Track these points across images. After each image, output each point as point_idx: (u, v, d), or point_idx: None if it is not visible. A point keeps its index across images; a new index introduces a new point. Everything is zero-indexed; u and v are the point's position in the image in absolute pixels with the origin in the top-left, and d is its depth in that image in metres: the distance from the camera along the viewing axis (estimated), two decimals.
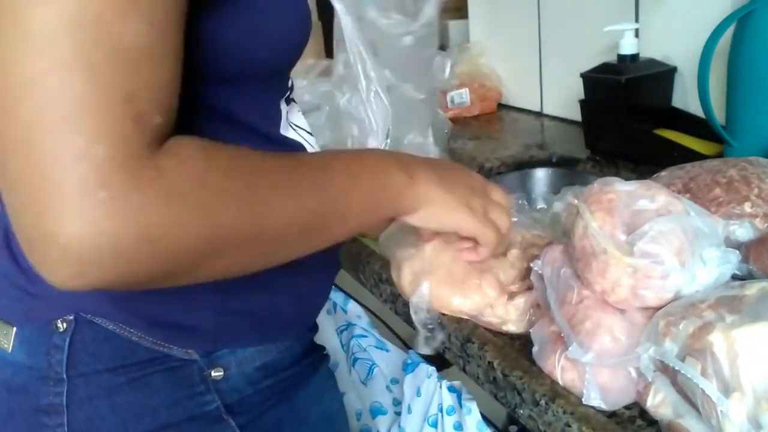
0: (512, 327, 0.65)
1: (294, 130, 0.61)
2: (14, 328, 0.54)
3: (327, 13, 2.25)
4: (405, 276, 0.71)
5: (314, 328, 0.68)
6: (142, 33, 0.37)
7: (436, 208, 0.58)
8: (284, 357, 0.60)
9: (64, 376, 0.52)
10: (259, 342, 0.58)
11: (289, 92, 0.61)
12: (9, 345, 0.54)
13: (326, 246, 0.51)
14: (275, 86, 0.57)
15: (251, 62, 0.50)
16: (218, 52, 0.47)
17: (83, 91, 0.36)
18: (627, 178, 0.60)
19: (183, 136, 0.41)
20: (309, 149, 0.62)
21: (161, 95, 0.39)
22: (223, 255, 0.43)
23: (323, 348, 0.71)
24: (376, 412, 0.94)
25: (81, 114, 0.36)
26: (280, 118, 0.59)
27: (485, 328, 0.67)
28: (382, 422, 0.93)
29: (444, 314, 0.70)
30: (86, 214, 0.36)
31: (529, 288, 0.65)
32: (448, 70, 1.49)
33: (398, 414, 0.88)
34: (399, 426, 0.83)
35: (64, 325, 0.52)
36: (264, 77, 0.54)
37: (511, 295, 0.66)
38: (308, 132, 0.64)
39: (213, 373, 0.55)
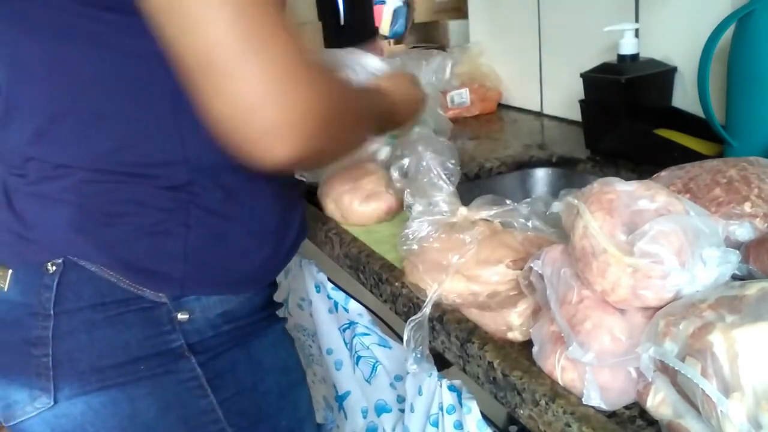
0: (518, 335, 0.65)
1: None
2: (10, 270, 0.62)
3: (327, 13, 2.25)
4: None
5: (273, 284, 0.77)
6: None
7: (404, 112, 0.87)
8: (243, 306, 0.69)
9: (51, 312, 0.60)
10: (221, 292, 0.66)
11: None
12: (5, 285, 0.62)
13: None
14: None
15: None
16: None
17: (266, 22, 0.50)
18: (627, 178, 0.60)
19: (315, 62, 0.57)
20: None
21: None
22: (349, 137, 0.64)
23: (280, 306, 0.81)
24: (380, 409, 0.94)
25: (270, 36, 0.50)
26: None
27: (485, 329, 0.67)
28: (387, 420, 0.93)
29: (444, 315, 0.70)
30: (299, 96, 0.51)
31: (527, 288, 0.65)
32: (448, 70, 1.49)
33: (402, 411, 0.88)
34: (403, 424, 0.83)
35: (54, 267, 0.61)
36: None
37: (513, 301, 0.66)
38: None
39: (179, 316, 0.64)
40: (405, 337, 0.71)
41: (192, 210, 0.62)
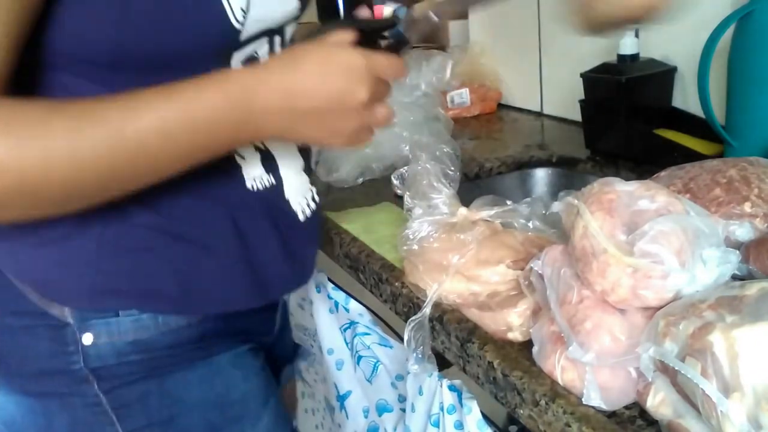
0: (518, 335, 0.65)
1: None
2: None
3: (327, 13, 2.25)
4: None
5: (229, 319, 0.67)
6: None
7: (284, 135, 0.56)
8: (164, 338, 0.63)
9: None
10: (133, 307, 0.60)
11: None
12: None
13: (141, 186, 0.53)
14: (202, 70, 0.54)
15: (146, 53, 0.52)
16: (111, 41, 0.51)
17: None
18: (627, 178, 0.60)
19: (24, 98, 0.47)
20: None
21: None
22: (72, 190, 0.49)
23: (242, 335, 0.70)
24: (382, 409, 0.94)
25: None
26: None
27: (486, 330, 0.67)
28: (389, 419, 0.93)
29: (444, 315, 0.70)
30: None
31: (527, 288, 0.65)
32: (448, 70, 1.49)
33: (404, 411, 0.88)
34: (404, 424, 0.83)
35: None
36: (175, 65, 0.53)
37: (513, 301, 0.66)
38: None
39: (84, 338, 0.60)
40: (405, 338, 0.71)
41: (108, 220, 0.58)
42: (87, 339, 0.60)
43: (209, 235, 0.62)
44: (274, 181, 0.66)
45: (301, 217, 0.69)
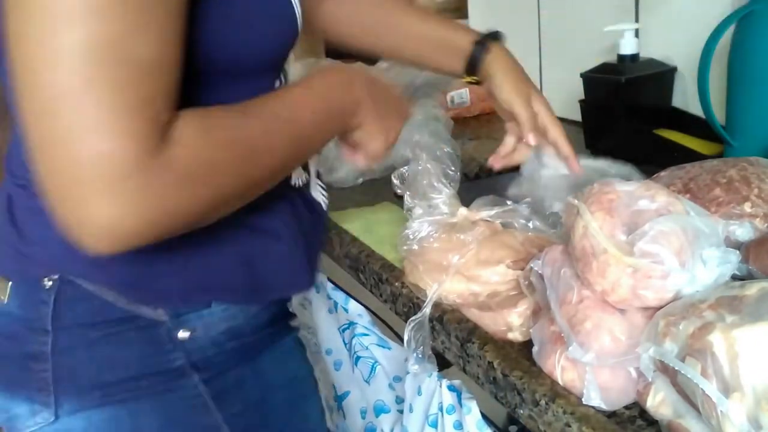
0: (518, 335, 0.65)
1: None
2: (10, 282, 0.61)
3: None
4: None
5: (282, 300, 0.74)
6: (154, 47, 0.45)
7: (366, 134, 0.68)
8: (249, 323, 0.67)
9: (49, 327, 0.60)
10: (223, 300, 0.64)
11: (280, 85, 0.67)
12: (5, 297, 0.62)
13: (305, 154, 0.64)
14: (265, 81, 0.64)
15: (235, 60, 0.57)
16: (209, 50, 0.54)
17: (110, 101, 0.43)
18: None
19: (184, 118, 0.48)
20: None
21: (170, 96, 0.47)
22: (226, 206, 0.54)
23: (292, 317, 0.77)
24: (379, 410, 0.94)
25: (110, 121, 0.43)
26: None
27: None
28: (386, 420, 0.93)
29: (444, 315, 0.70)
30: (118, 201, 0.44)
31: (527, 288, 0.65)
32: None
33: (401, 412, 0.88)
34: (402, 425, 0.83)
35: (50, 283, 0.59)
36: (251, 73, 0.60)
37: (513, 301, 0.66)
38: None
39: (180, 334, 0.62)
40: (405, 338, 0.71)
41: None
42: (183, 334, 0.62)
43: (275, 224, 0.66)
44: (306, 179, 0.72)
45: (324, 207, 0.76)
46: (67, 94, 0.43)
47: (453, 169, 0.82)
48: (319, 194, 0.75)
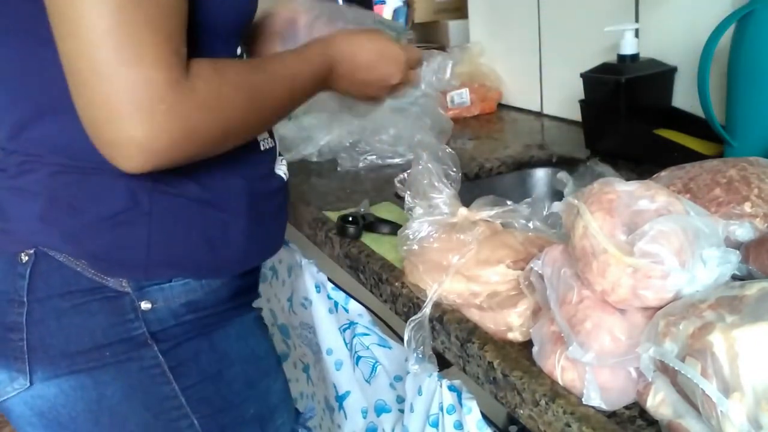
0: (518, 335, 0.65)
1: None
2: None
3: None
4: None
5: (247, 275, 0.77)
6: None
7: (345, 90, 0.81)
8: (208, 297, 0.70)
9: (25, 299, 0.64)
10: (185, 276, 0.68)
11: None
12: None
13: (293, 107, 0.72)
14: (232, 47, 0.71)
15: (217, 21, 0.65)
16: (199, 10, 0.61)
17: (139, 37, 0.52)
18: (627, 178, 0.60)
19: (198, 60, 0.57)
20: None
21: (184, 33, 0.56)
22: (236, 137, 0.63)
23: (255, 296, 0.82)
24: (380, 410, 0.94)
25: (141, 54, 0.52)
26: None
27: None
28: (387, 420, 0.93)
29: (444, 315, 0.70)
30: (152, 121, 0.52)
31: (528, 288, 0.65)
32: (449, 71, 1.49)
33: (402, 412, 0.88)
34: (402, 424, 0.83)
35: (26, 257, 0.64)
36: (226, 35, 0.68)
37: (513, 301, 0.66)
38: None
39: (143, 305, 0.66)
40: (405, 337, 0.71)
41: (155, 196, 0.64)
42: (146, 305, 0.66)
43: (233, 201, 0.70)
44: (272, 143, 0.77)
45: (285, 179, 0.80)
46: (109, 31, 0.50)
47: (455, 170, 0.82)
48: (280, 168, 0.80)
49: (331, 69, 0.75)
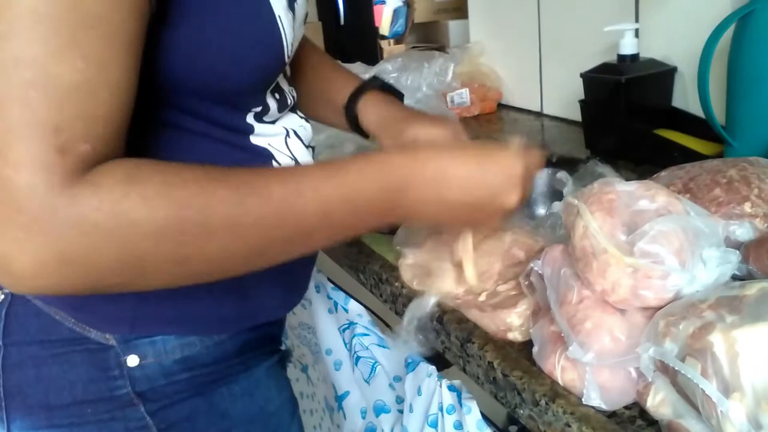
0: (518, 335, 0.65)
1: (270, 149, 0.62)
2: None
3: (327, 13, 2.25)
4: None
5: (262, 327, 0.67)
6: (78, 70, 0.40)
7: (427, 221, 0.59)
8: (209, 352, 0.61)
9: (0, 342, 0.58)
10: (179, 333, 0.59)
11: (262, 111, 0.61)
12: None
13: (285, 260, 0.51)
14: (251, 104, 0.59)
15: (206, 85, 0.53)
16: (178, 74, 0.50)
17: (15, 123, 0.39)
18: (627, 178, 0.60)
19: (112, 163, 0.43)
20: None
21: (92, 125, 0.42)
22: (154, 274, 0.45)
23: (276, 344, 0.71)
24: (379, 410, 0.94)
25: (10, 144, 0.39)
26: (248, 134, 0.60)
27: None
28: (386, 420, 0.93)
29: (444, 315, 0.70)
30: (9, 236, 0.40)
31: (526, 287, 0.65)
32: (450, 72, 1.49)
33: (401, 412, 0.88)
34: (402, 425, 0.83)
35: (2, 296, 0.58)
36: (231, 97, 0.56)
37: (513, 301, 0.66)
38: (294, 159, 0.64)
39: (128, 361, 0.58)
40: (406, 319, 0.69)
41: None
42: (132, 361, 0.58)
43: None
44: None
45: None
46: None
47: None
48: None
49: (401, 198, 0.52)
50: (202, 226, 0.44)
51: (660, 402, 0.50)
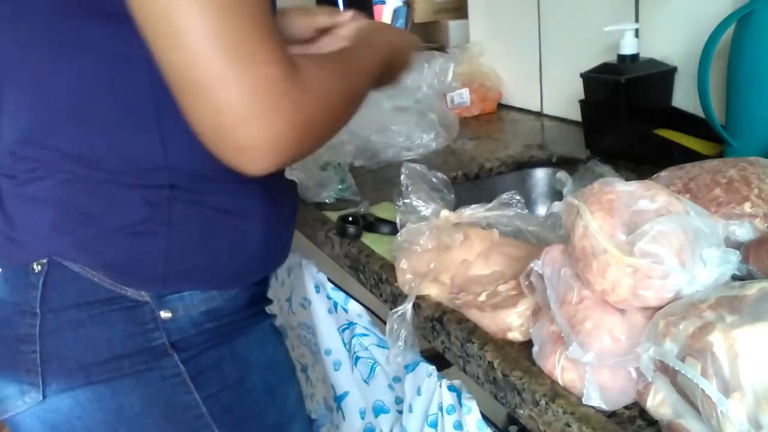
0: (518, 335, 0.65)
1: None
2: (0, 269, 0.64)
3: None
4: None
5: (261, 282, 0.76)
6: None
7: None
8: (227, 305, 0.69)
9: (38, 310, 0.62)
10: (205, 288, 0.67)
11: None
12: None
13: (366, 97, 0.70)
14: None
15: None
16: None
17: (250, 35, 0.50)
18: (627, 178, 0.60)
19: (295, 54, 0.55)
20: None
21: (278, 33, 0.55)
22: (339, 127, 0.62)
23: (268, 302, 0.81)
24: (378, 410, 0.94)
25: (255, 51, 0.50)
26: None
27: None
28: (385, 421, 0.93)
29: (444, 315, 0.70)
30: (280, 118, 0.51)
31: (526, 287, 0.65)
32: (450, 72, 1.49)
33: (400, 413, 0.88)
34: (401, 425, 0.83)
35: (39, 267, 0.62)
36: None
37: (513, 301, 0.66)
38: None
39: (162, 314, 0.64)
40: (387, 328, 0.72)
41: (175, 206, 0.63)
42: (165, 314, 0.64)
43: (251, 207, 0.68)
44: None
45: (297, 182, 0.81)
46: (212, 40, 0.48)
47: (452, 171, 0.82)
48: (292, 172, 0.79)
49: (392, 56, 0.76)
50: (356, 83, 0.64)
51: (660, 402, 0.50)
